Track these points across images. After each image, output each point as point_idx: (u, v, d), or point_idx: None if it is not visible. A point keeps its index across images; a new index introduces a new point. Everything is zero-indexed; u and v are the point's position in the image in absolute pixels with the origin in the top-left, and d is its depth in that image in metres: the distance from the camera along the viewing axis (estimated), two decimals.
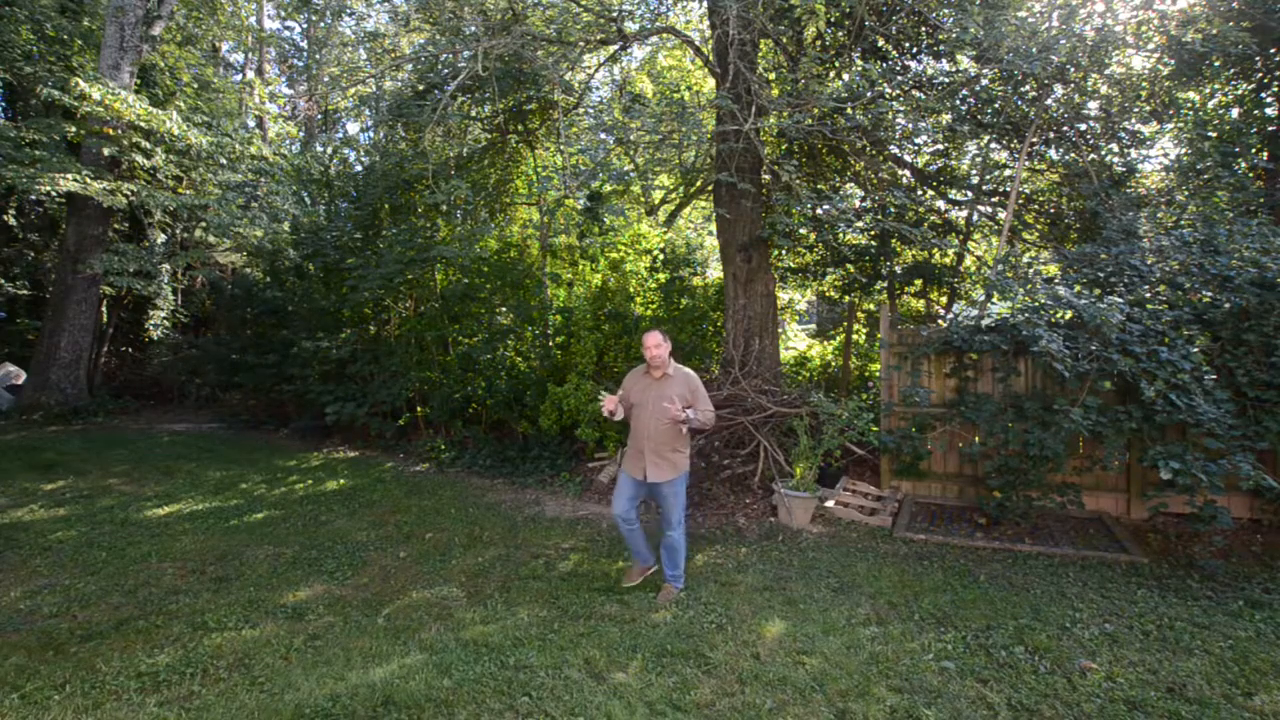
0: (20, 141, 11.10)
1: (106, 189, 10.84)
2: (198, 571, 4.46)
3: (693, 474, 6.31)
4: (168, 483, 6.85)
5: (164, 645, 3.39)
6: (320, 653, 3.34)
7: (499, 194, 9.85)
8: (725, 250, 7.49)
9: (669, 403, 3.86)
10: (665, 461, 4.01)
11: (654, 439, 3.98)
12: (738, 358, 7.06)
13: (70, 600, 3.96)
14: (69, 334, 11.76)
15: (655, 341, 3.99)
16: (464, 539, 5.21)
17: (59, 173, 10.56)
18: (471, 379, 8.31)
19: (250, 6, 20.91)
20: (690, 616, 3.79)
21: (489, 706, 2.84)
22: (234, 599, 3.98)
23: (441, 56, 8.05)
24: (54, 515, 5.72)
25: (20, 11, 12.57)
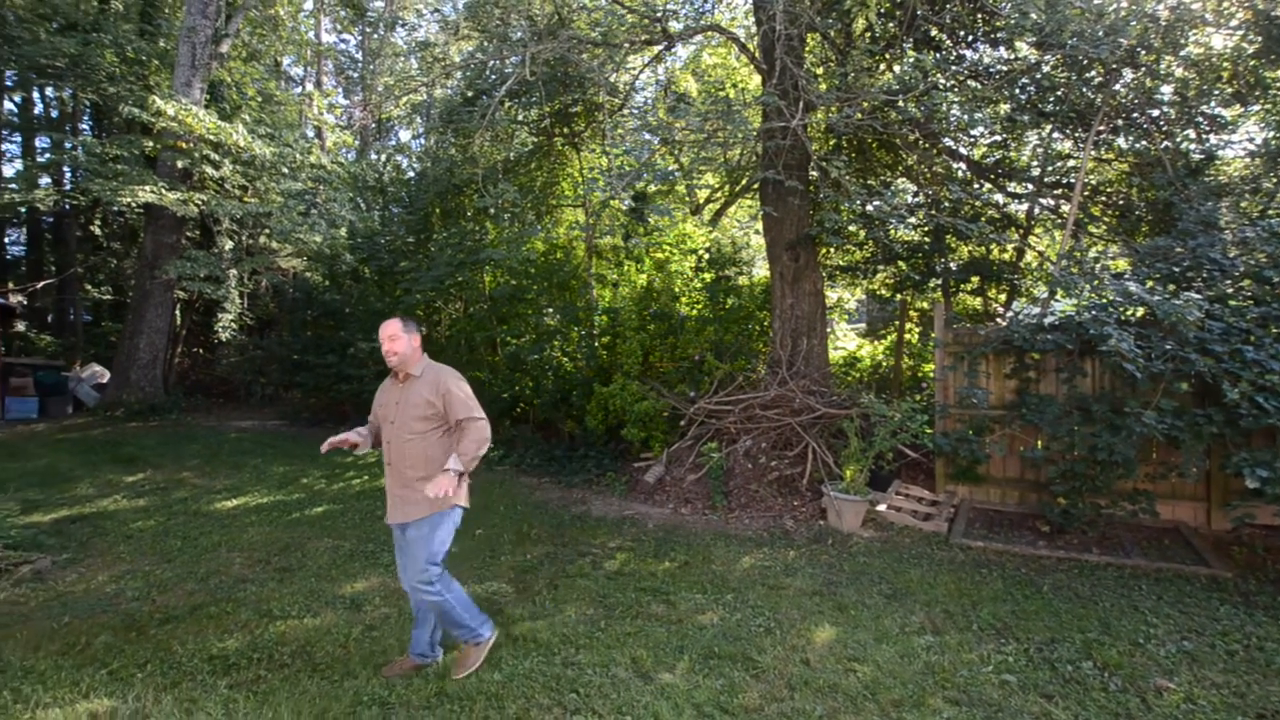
0: (105, 157, 11.90)
1: (180, 199, 11.50)
2: (263, 561, 4.67)
3: (740, 476, 6.29)
4: (236, 476, 7.21)
5: (233, 631, 3.56)
6: (377, 643, 3.45)
7: (545, 196, 9.99)
8: (772, 249, 7.39)
9: (433, 485, 2.73)
10: (414, 494, 2.92)
11: (398, 462, 2.97)
12: (785, 358, 6.96)
13: (150, 585, 4.21)
14: (147, 336, 12.53)
15: (390, 332, 2.98)
16: (512, 536, 5.30)
17: (138, 185, 11.26)
18: (519, 379, 8.45)
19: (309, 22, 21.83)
20: (738, 619, 3.76)
21: (538, 702, 2.88)
22: (297, 589, 4.16)
23: (489, 63, 8.22)
24: (135, 505, 6.10)
25: (105, 36, 13.48)
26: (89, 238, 19.29)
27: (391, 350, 2.97)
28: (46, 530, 5.23)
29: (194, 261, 12.22)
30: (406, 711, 2.79)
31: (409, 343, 2.99)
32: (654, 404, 6.87)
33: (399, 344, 2.97)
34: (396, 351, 2.97)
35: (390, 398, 3.07)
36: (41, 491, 6.45)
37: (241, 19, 14.18)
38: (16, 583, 4.20)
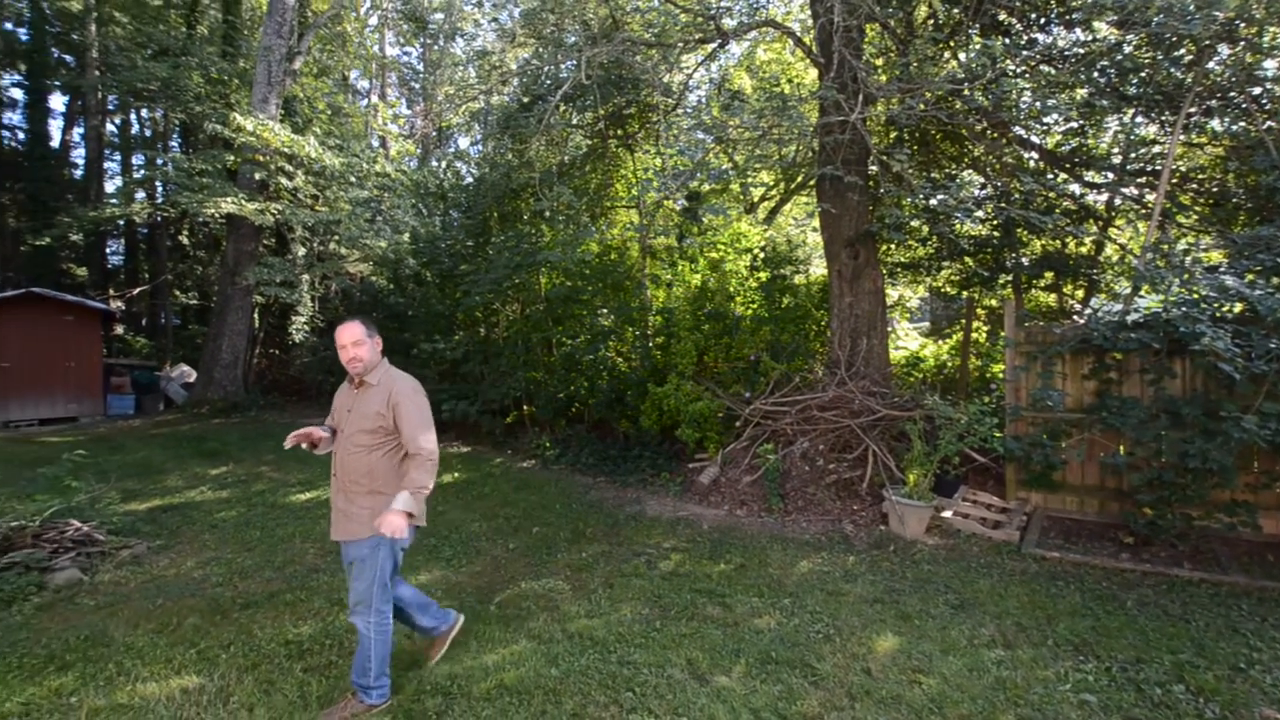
0: (191, 171, 12.76)
1: (258, 209, 12.21)
2: (334, 552, 4.89)
3: (797, 478, 6.17)
4: (308, 471, 7.59)
5: (307, 617, 3.74)
6: None
7: (600, 198, 10.09)
8: (830, 246, 7.22)
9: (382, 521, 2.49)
10: (355, 512, 2.70)
11: (342, 474, 2.74)
12: (844, 358, 6.78)
13: (232, 572, 4.48)
14: (228, 338, 13.36)
15: (354, 337, 2.72)
16: (568, 534, 5.36)
17: (221, 197, 12.03)
18: (574, 379, 8.55)
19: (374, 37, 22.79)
20: (795, 624, 3.68)
21: (594, 699, 2.90)
22: None
23: (544, 69, 8.37)
24: (218, 497, 6.50)
25: (193, 60, 14.46)
26: (178, 247, 20.75)
27: (356, 357, 2.69)
28: (142, 518, 5.65)
29: (270, 268, 12.96)
30: (467, 702, 2.87)
31: (372, 347, 2.75)
32: (709, 404, 6.83)
33: (363, 349, 2.71)
34: (361, 358, 2.70)
35: (344, 405, 2.84)
36: (138, 482, 6.97)
37: (312, 37, 14.94)
38: (118, 565, 4.55)
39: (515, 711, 2.80)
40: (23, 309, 11.33)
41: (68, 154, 21.78)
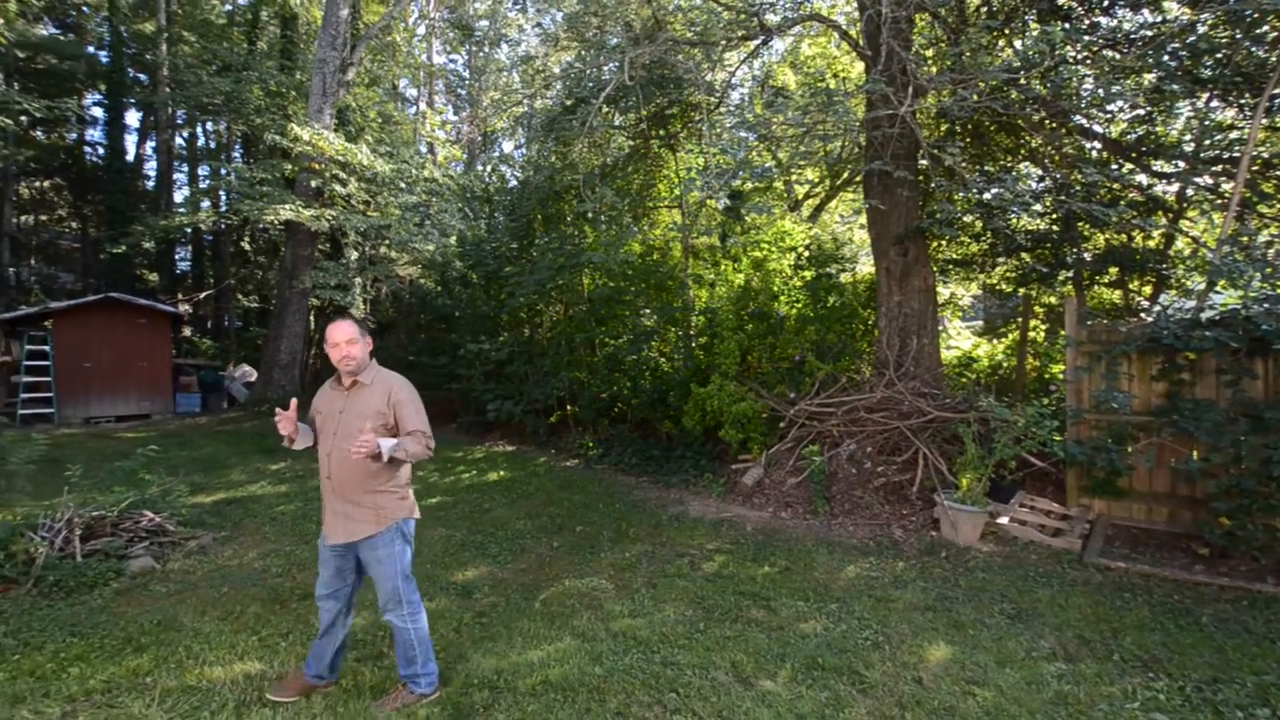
0: (252, 180, 13.38)
1: (314, 215, 12.70)
2: None
3: (843, 480, 6.04)
4: None
5: (359, 608, 3.85)
6: (486, 629, 3.62)
7: (642, 198, 10.10)
8: (877, 244, 7.05)
9: (363, 436, 2.53)
10: (361, 510, 2.72)
11: (340, 477, 2.71)
12: (892, 358, 6.61)
13: (290, 563, 4.67)
14: (287, 339, 13.94)
15: (345, 335, 2.72)
16: (611, 534, 5.39)
17: (280, 204, 12.56)
18: (617, 379, 8.59)
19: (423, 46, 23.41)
20: (843, 631, 3.60)
21: (638, 699, 2.90)
22: (414, 573, 4.44)
23: (587, 71, 8.44)
24: (277, 491, 6.79)
25: (253, 74, 15.16)
26: (240, 253, 21.80)
27: (349, 355, 2.71)
28: (208, 510, 5.94)
29: (325, 271, 13.47)
30: (513, 696, 2.91)
31: (364, 347, 2.77)
32: (752, 405, 6.75)
33: (356, 348, 2.73)
34: (354, 356, 2.72)
35: (333, 406, 2.80)
36: (204, 476, 7.34)
37: (364, 48, 15.45)
38: (187, 554, 4.80)
39: (560, 708, 2.82)
40: (102, 313, 12.09)
41: (141, 167, 23.15)
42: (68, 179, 23.46)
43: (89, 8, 21.41)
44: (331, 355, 2.74)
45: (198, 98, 16.49)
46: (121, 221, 17.24)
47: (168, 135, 22.07)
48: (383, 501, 2.73)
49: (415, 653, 2.81)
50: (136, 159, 23.10)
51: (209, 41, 19.12)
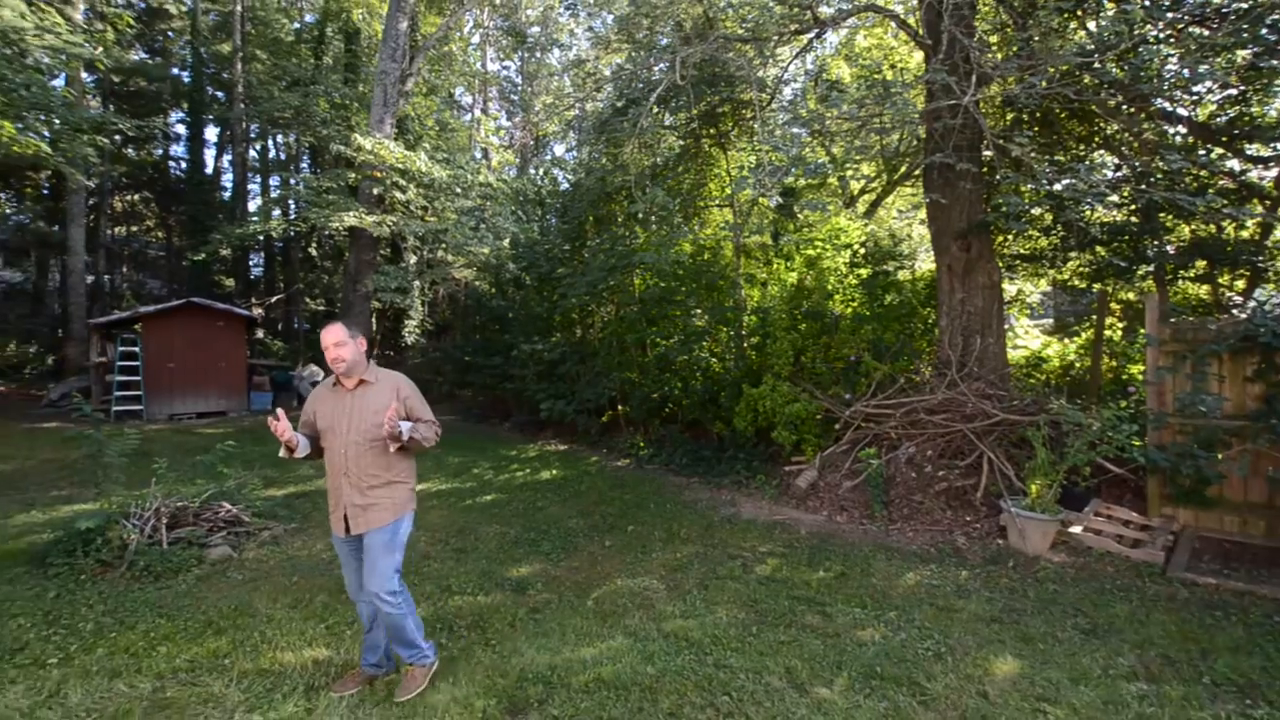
0: (319, 189, 14.02)
1: (376, 221, 13.21)
2: (443, 542, 5.19)
3: (902, 485, 5.85)
4: (420, 465, 8.10)
5: (420, 601, 3.99)
6: (540, 625, 3.68)
7: (693, 198, 10.06)
8: (938, 239, 6.79)
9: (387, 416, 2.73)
10: (375, 503, 2.84)
11: (358, 470, 2.82)
12: (955, 358, 6.35)
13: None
14: None
15: (333, 338, 2.81)
16: (663, 534, 5.38)
17: (344, 211, 13.11)
18: (668, 379, 8.58)
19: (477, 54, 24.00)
20: (902, 640, 3.48)
21: (690, 700, 2.89)
22: (470, 569, 4.57)
23: (638, 72, 8.46)
24: None
25: (320, 88, 15.90)
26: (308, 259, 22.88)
27: (339, 357, 2.81)
28: (280, 503, 6.25)
29: (386, 275, 13.98)
30: (566, 692, 2.94)
31: (355, 348, 2.86)
32: (806, 406, 6.62)
33: (346, 350, 2.82)
34: (344, 358, 2.82)
35: (338, 407, 2.88)
36: (276, 471, 7.72)
37: (422, 59, 15.96)
38: (260, 544, 5.07)
39: (613, 705, 2.84)
40: (185, 316, 12.91)
41: (219, 179, 24.64)
42: (155, 192, 25.21)
43: (173, 32, 22.94)
44: (326, 356, 2.84)
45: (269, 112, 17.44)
46: (202, 231, 18.38)
47: (242, 148, 23.40)
48: (396, 492, 2.90)
49: (412, 633, 2.92)
50: (215, 172, 24.62)
51: (279, 58, 20.19)
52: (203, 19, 21.57)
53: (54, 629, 3.48)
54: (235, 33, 21.32)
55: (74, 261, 18.77)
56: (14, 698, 2.82)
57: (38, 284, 24.42)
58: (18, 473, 7.32)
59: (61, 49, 12.42)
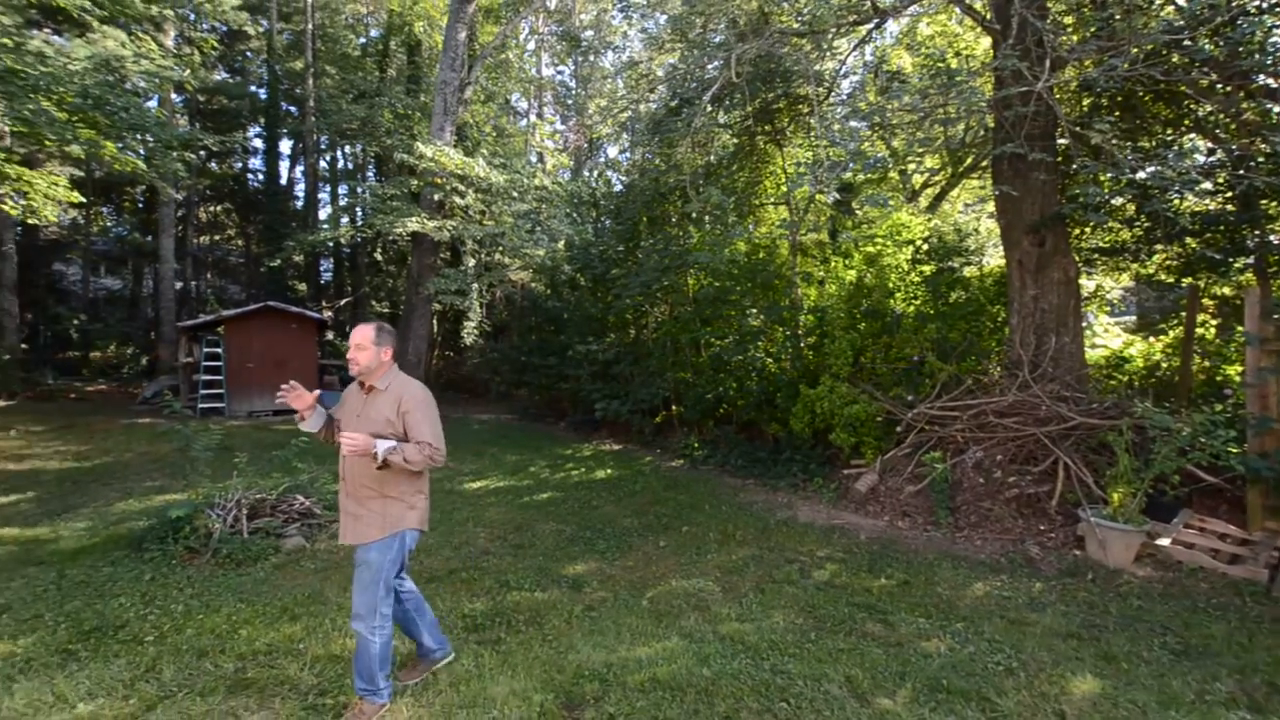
0: (384, 197, 14.59)
1: (437, 226, 13.64)
2: (501, 538, 5.31)
3: (969, 490, 5.60)
4: (478, 462, 8.32)
5: (479, 595, 4.09)
6: (595, 623, 3.70)
7: (748, 196, 9.95)
8: (1008, 233, 6.47)
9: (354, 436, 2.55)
10: (366, 515, 2.72)
11: (352, 478, 2.73)
12: (1027, 358, 6.03)
13: (418, 549, 5.01)
14: (413, 342, 15.06)
15: (358, 340, 2.71)
16: (717, 535, 5.34)
17: (407, 217, 13.61)
18: (722, 379, 8.51)
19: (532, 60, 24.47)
20: (970, 653, 3.33)
21: (747, 705, 2.84)
22: (528, 565, 4.65)
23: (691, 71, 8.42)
24: None
25: (384, 100, 16.56)
26: (373, 263, 23.87)
27: (354, 359, 2.70)
28: None
29: (447, 278, 14.42)
30: (622, 691, 2.95)
31: (376, 355, 2.72)
32: (866, 407, 6.43)
33: (364, 355, 2.70)
34: (358, 361, 2.70)
35: (352, 408, 2.80)
36: None
37: (480, 67, 16.39)
38: (331, 536, 5.31)
39: (668, 706, 2.83)
40: (262, 319, 13.69)
41: (292, 189, 26.03)
42: (235, 203, 26.87)
43: (251, 52, 24.39)
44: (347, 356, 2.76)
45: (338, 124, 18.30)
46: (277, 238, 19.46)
47: (314, 159, 24.63)
48: (390, 508, 2.72)
49: (375, 668, 2.70)
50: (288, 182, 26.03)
51: (347, 73, 21.15)
52: (278, 39, 22.85)
53: (150, 609, 3.75)
54: (307, 50, 22.48)
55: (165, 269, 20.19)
56: (118, 670, 3.05)
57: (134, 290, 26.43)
58: (118, 464, 7.93)
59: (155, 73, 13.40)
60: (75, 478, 7.22)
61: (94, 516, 5.72)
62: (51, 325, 22.27)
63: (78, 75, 10.35)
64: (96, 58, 11.61)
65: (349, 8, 25.22)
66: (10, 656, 3.17)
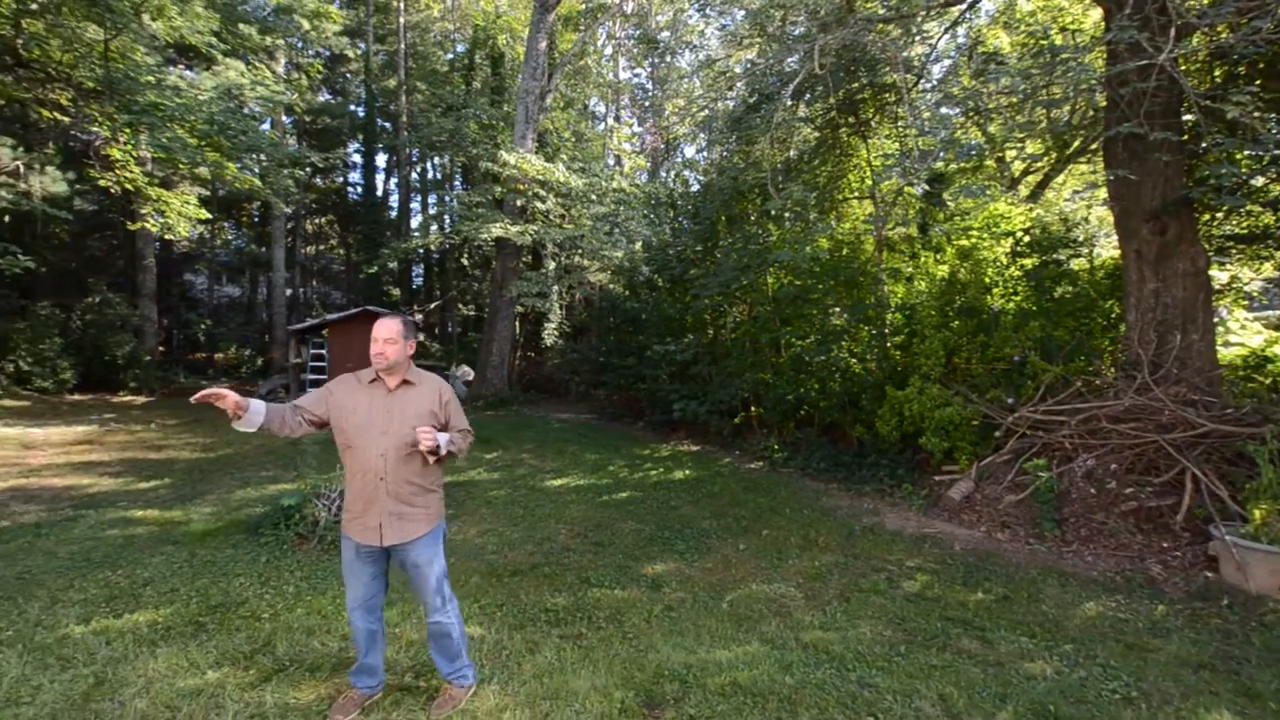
0: (470, 204, 15.24)
1: (519, 231, 14.11)
2: (581, 535, 5.41)
3: (1078, 501, 5.17)
4: (559, 461, 8.52)
5: (560, 590, 4.18)
6: (675, 623, 3.69)
7: (830, 191, 9.64)
8: (1124, 221, 5.92)
9: (423, 427, 2.55)
10: (413, 511, 2.66)
11: (396, 476, 2.62)
12: (1146, 358, 5.50)
13: (503, 543, 5.21)
14: (497, 343, 15.64)
15: (385, 333, 2.62)
16: (799, 540, 5.20)
17: (492, 223, 14.15)
18: (804, 380, 8.29)
19: (610, 65, 24.81)
20: (1081, 678, 3.07)
21: (832, 716, 2.75)
22: (608, 563, 4.71)
23: (771, 66, 8.25)
24: (491, 478, 7.63)
25: (470, 112, 17.30)
26: (460, 268, 24.99)
27: (384, 354, 2.61)
28: None
29: (528, 281, 14.88)
30: (702, 693, 2.92)
31: (404, 349, 2.66)
32: (959, 410, 6.07)
33: (393, 349, 2.63)
34: (389, 356, 2.62)
35: (376, 405, 2.65)
36: None
37: (560, 75, 16.81)
38: None
39: (750, 712, 2.78)
40: (361, 322, 14.64)
41: (387, 200, 27.69)
42: (336, 214, 28.95)
43: (350, 74, 26.17)
44: (371, 349, 2.65)
45: (428, 137, 19.29)
46: (374, 247, 20.75)
47: (406, 171, 26.10)
48: (432, 501, 2.75)
49: (460, 649, 2.81)
50: (383, 194, 27.72)
51: (435, 87, 22.27)
52: (373, 60, 24.38)
53: (265, 588, 4.09)
54: (399, 68, 23.86)
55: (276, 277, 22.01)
56: (239, 642, 3.34)
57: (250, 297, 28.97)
58: (237, 455, 8.71)
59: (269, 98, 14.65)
60: (203, 467, 8.00)
61: (218, 503, 6.30)
62: (183, 329, 24.84)
63: (205, 104, 11.47)
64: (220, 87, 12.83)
65: (437, 26, 26.57)
66: (154, 623, 3.54)
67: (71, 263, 19.81)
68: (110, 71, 10.34)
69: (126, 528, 5.45)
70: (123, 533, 5.30)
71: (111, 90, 10.27)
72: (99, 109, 10.72)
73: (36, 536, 5.18)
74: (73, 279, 18.88)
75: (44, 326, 15.23)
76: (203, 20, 12.61)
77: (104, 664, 3.10)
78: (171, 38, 12.74)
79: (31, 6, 10.19)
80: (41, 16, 10.47)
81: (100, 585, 4.10)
